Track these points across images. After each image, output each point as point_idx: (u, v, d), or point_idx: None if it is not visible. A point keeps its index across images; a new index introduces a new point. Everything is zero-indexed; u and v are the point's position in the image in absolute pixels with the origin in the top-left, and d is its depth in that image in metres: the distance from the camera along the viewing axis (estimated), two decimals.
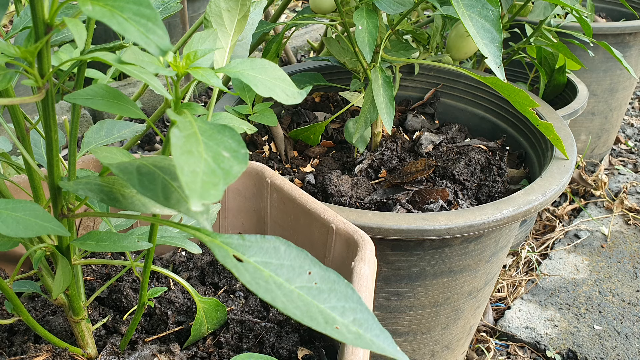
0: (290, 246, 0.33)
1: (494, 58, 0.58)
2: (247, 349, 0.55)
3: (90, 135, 0.59)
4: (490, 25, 0.58)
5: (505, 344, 1.14)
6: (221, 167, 0.28)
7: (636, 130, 2.00)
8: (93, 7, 0.28)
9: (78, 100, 0.37)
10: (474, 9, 0.58)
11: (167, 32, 0.28)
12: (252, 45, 0.93)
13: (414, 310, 0.82)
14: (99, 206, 0.55)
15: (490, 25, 0.58)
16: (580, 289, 1.26)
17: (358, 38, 0.75)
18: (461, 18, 0.57)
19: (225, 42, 0.51)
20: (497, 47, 0.58)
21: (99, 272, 0.65)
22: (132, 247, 0.45)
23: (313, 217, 0.60)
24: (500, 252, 0.84)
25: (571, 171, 0.79)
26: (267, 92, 0.38)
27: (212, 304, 0.55)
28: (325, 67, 1.09)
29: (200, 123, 0.31)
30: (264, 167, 0.67)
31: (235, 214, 0.71)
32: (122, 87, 1.71)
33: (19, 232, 0.34)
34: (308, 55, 2.23)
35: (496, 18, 0.59)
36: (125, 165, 0.34)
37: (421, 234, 0.68)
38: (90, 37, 0.43)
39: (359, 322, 0.29)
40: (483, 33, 0.58)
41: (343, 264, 0.57)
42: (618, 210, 1.51)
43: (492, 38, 0.58)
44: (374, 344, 0.29)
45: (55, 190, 0.40)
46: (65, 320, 0.56)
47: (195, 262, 0.67)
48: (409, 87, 1.12)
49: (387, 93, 0.80)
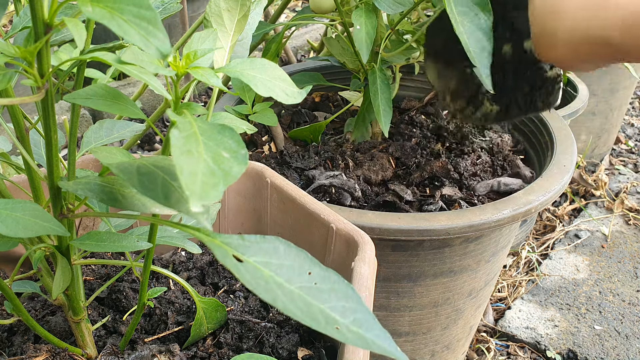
0: (290, 246, 0.33)
1: (483, 68, 0.58)
2: (247, 349, 0.55)
3: (89, 135, 0.59)
4: (481, 34, 0.58)
5: (506, 344, 1.14)
6: (221, 167, 0.28)
7: (636, 130, 2.00)
8: (93, 8, 0.28)
9: (78, 100, 0.37)
10: (467, 16, 0.59)
11: (167, 35, 0.28)
12: (252, 45, 0.93)
13: (414, 311, 0.82)
14: (98, 206, 0.55)
15: (482, 34, 0.59)
16: (581, 289, 1.26)
17: (356, 38, 0.75)
18: (454, 25, 0.58)
19: (225, 42, 0.51)
20: (487, 56, 0.59)
21: (98, 272, 0.65)
22: (131, 247, 0.45)
23: (313, 217, 0.60)
24: (501, 252, 0.84)
25: (571, 171, 0.79)
26: (267, 92, 0.38)
27: (212, 304, 0.55)
28: (325, 67, 1.09)
29: (200, 123, 0.31)
30: (264, 167, 0.67)
31: (235, 214, 0.71)
32: (122, 87, 1.71)
33: (18, 232, 0.34)
34: (308, 55, 2.23)
35: (488, 27, 0.59)
36: (125, 165, 0.33)
37: (421, 234, 0.68)
38: (89, 37, 0.43)
39: (359, 322, 0.29)
40: (473, 42, 0.58)
41: (343, 264, 0.57)
42: (618, 210, 1.51)
43: (482, 47, 0.58)
44: (374, 344, 0.29)
45: (55, 190, 0.40)
46: (65, 321, 0.56)
47: (195, 262, 0.67)
48: (409, 87, 1.11)
49: (385, 94, 0.80)
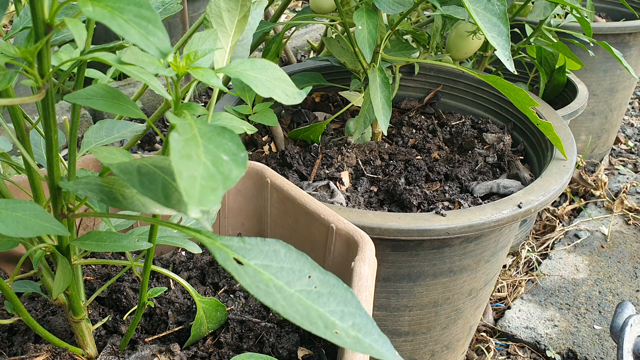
0: (290, 249, 0.33)
1: (503, 50, 0.61)
2: (247, 349, 0.55)
3: (90, 135, 0.59)
4: (496, 19, 0.61)
5: (505, 344, 1.14)
6: (220, 171, 0.28)
7: (636, 130, 2.00)
8: (93, 8, 0.28)
9: (78, 100, 0.37)
10: (480, 3, 0.61)
11: (167, 35, 0.28)
12: (252, 45, 0.93)
13: (414, 310, 0.82)
14: (99, 206, 0.55)
15: (497, 19, 0.61)
16: (580, 289, 1.26)
17: (358, 38, 0.75)
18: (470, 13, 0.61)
19: (225, 42, 0.51)
20: (505, 39, 0.62)
21: (99, 272, 0.65)
22: (132, 247, 0.45)
23: (313, 217, 0.60)
24: (500, 252, 0.84)
25: (571, 171, 0.79)
26: (267, 93, 0.38)
27: (212, 304, 0.55)
28: (325, 67, 1.09)
29: (200, 125, 0.31)
30: (264, 167, 0.67)
31: (235, 214, 0.71)
32: (122, 87, 1.71)
33: (19, 232, 0.34)
34: (308, 56, 2.23)
35: (502, 12, 0.62)
36: (125, 166, 0.33)
37: (421, 234, 0.68)
38: (90, 37, 0.43)
39: (358, 327, 0.29)
40: (490, 26, 0.61)
41: (343, 264, 0.57)
42: (618, 210, 1.51)
43: (499, 31, 0.61)
44: (373, 348, 0.29)
45: (55, 190, 0.40)
46: (65, 320, 0.56)
47: (195, 262, 0.67)
48: (409, 87, 1.11)
49: (385, 94, 0.80)
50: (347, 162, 0.88)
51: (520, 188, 0.82)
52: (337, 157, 0.88)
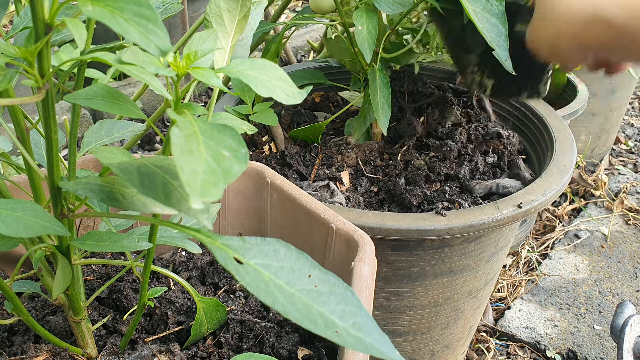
0: (290, 248, 0.33)
1: (502, 50, 0.61)
2: (247, 349, 0.55)
3: (90, 135, 0.59)
4: (495, 19, 0.62)
5: (505, 344, 1.14)
6: (221, 166, 0.28)
7: (636, 130, 2.00)
8: (93, 7, 0.28)
9: (78, 100, 0.37)
10: (478, 3, 0.62)
11: (167, 33, 0.28)
12: (252, 45, 0.93)
13: (414, 310, 0.82)
14: (99, 206, 0.55)
15: (496, 19, 0.62)
16: (580, 289, 1.26)
17: (358, 38, 0.75)
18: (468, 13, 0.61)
19: (225, 42, 0.51)
20: (504, 40, 0.62)
21: (99, 272, 0.65)
22: (132, 247, 0.45)
23: (313, 217, 0.60)
24: (500, 252, 0.84)
25: (571, 171, 0.79)
26: (267, 92, 0.38)
27: (212, 304, 0.55)
28: (325, 67, 1.09)
29: (200, 123, 0.31)
30: (264, 167, 0.67)
31: (235, 214, 0.71)
32: (122, 87, 1.71)
33: (19, 232, 0.34)
34: (308, 56, 2.23)
35: (501, 12, 0.63)
36: (125, 165, 0.33)
37: (421, 234, 0.68)
38: (90, 37, 0.43)
39: (359, 326, 0.29)
40: (489, 27, 0.62)
41: (343, 264, 0.57)
42: (618, 210, 1.51)
43: (498, 32, 0.62)
44: (374, 347, 0.29)
45: (55, 190, 0.40)
46: (65, 320, 0.56)
47: (195, 262, 0.67)
48: None
49: (385, 94, 0.80)
50: (347, 162, 0.88)
51: (520, 188, 0.82)
52: (337, 157, 0.88)
